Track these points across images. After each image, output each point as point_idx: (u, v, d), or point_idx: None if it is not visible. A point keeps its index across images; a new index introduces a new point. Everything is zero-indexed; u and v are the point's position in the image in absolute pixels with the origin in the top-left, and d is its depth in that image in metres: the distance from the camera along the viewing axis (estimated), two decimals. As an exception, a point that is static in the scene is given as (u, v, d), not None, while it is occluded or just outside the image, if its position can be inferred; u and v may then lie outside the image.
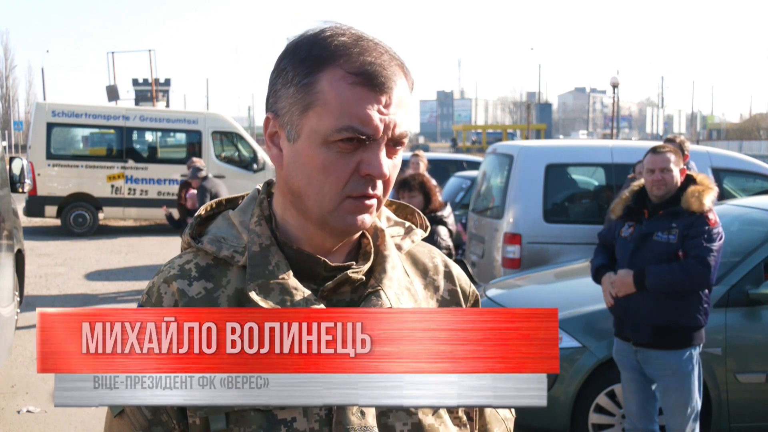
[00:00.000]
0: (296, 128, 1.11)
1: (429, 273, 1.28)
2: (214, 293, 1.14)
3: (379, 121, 1.09)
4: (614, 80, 37.35)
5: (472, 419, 1.26)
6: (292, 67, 1.11)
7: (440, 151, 46.96)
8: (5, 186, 6.44)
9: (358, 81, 1.08)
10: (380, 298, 1.16)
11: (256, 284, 1.13)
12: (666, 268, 3.85)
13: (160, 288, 1.16)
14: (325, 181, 1.10)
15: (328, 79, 1.08)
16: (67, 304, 8.98)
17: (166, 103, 51.12)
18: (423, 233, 1.31)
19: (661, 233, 3.97)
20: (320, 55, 1.09)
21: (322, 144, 1.09)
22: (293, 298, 1.12)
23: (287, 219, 1.19)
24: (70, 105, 15.66)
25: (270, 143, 1.17)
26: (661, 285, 3.85)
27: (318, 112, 1.09)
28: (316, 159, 1.10)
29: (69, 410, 5.52)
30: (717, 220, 3.92)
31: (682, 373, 3.92)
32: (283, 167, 1.15)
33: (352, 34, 1.11)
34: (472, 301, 1.31)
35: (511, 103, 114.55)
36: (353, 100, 1.08)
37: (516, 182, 7.28)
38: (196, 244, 1.19)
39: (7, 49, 52.95)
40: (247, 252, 1.16)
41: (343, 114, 1.08)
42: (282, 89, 1.13)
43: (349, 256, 1.21)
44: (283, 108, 1.13)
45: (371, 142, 1.10)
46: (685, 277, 3.82)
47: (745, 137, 64.96)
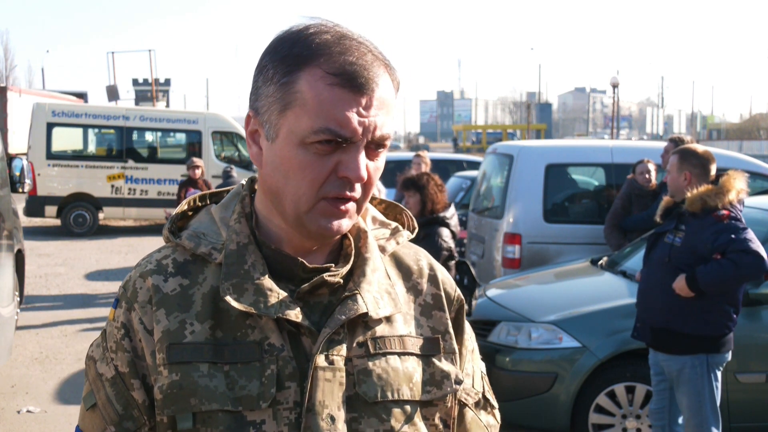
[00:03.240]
0: (275, 127, 1.09)
1: (412, 276, 1.24)
2: (189, 290, 1.13)
3: (357, 124, 1.06)
4: (614, 80, 37.33)
5: (449, 426, 1.22)
6: (272, 65, 1.09)
7: (441, 151, 46.94)
8: (5, 186, 6.44)
9: (336, 81, 1.05)
10: (356, 302, 1.13)
11: (230, 284, 1.11)
12: (716, 265, 3.73)
13: (135, 282, 1.14)
14: (301, 182, 1.08)
15: (306, 79, 1.06)
16: (67, 304, 8.98)
17: (166, 103, 51.13)
18: (410, 234, 1.28)
19: (671, 235, 3.98)
20: (300, 54, 1.07)
21: (299, 145, 1.07)
22: (267, 300, 1.10)
23: (268, 217, 1.17)
24: (70, 105, 15.68)
25: (251, 141, 1.15)
26: (714, 282, 3.74)
27: (296, 113, 1.07)
28: (293, 159, 1.08)
29: (69, 410, 5.52)
30: (729, 212, 3.79)
31: (684, 379, 3.89)
32: (262, 166, 1.13)
33: (336, 32, 1.09)
34: (457, 307, 1.27)
35: (511, 103, 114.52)
36: (331, 101, 1.05)
37: (516, 182, 7.28)
38: (175, 239, 1.17)
39: (7, 49, 52.76)
40: (224, 250, 1.14)
41: (321, 115, 1.05)
42: (263, 87, 1.11)
43: (330, 257, 1.19)
44: (263, 106, 1.11)
45: (349, 144, 1.07)
46: (738, 271, 3.69)
47: (745, 137, 64.88)
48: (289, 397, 1.08)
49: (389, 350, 1.15)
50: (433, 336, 1.21)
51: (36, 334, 7.55)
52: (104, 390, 1.13)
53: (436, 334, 1.21)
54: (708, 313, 3.83)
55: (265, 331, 1.10)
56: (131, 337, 1.12)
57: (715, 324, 3.84)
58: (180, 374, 1.08)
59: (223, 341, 1.10)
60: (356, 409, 1.11)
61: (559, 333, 4.71)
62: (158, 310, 1.11)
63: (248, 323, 1.11)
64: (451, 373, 1.20)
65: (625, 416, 4.73)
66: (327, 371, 1.10)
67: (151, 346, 1.11)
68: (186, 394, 1.07)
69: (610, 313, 4.79)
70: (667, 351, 3.95)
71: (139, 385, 1.12)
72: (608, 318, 4.76)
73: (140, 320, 1.12)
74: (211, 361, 1.09)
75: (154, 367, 1.10)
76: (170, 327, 1.10)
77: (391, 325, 1.17)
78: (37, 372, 6.39)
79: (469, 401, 1.27)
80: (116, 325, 1.14)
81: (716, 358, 3.88)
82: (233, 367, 1.09)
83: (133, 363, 1.12)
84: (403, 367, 1.15)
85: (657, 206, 4.49)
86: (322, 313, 1.14)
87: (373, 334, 1.15)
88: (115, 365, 1.13)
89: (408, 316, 1.21)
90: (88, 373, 1.17)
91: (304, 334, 1.11)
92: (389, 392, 1.13)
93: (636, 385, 4.69)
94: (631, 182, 6.70)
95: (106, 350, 1.15)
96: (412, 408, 1.15)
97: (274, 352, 1.09)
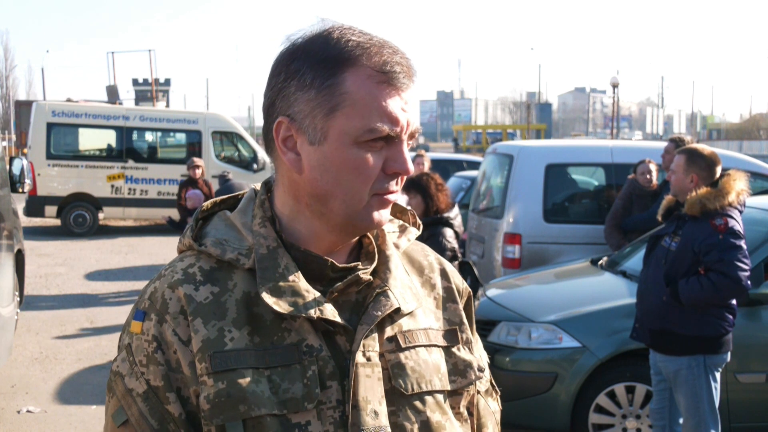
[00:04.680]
0: (322, 131, 1.10)
1: (425, 271, 1.28)
2: (221, 297, 1.12)
3: (404, 119, 1.11)
4: (614, 80, 37.34)
5: (472, 414, 1.27)
6: (310, 70, 1.10)
7: (441, 151, 46.93)
8: (5, 186, 6.44)
9: (384, 79, 1.09)
10: (389, 298, 1.16)
11: (267, 287, 1.11)
12: (696, 284, 3.74)
13: (164, 293, 1.12)
14: (356, 180, 1.11)
15: (353, 80, 1.09)
16: (67, 304, 8.98)
17: (166, 103, 51.06)
18: (417, 231, 1.31)
19: (668, 238, 3.97)
20: (339, 56, 1.09)
21: (352, 144, 1.09)
22: (305, 300, 1.11)
23: (296, 219, 1.17)
24: (70, 105, 15.65)
25: (283, 148, 1.14)
26: (693, 299, 3.77)
27: (346, 113, 1.09)
28: (347, 159, 1.10)
29: (69, 410, 5.52)
30: (728, 223, 3.75)
31: (681, 379, 3.90)
32: (303, 171, 1.13)
33: (361, 33, 1.12)
34: (465, 298, 1.32)
35: (511, 103, 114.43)
36: (381, 98, 1.09)
37: (516, 182, 7.28)
38: (199, 246, 1.16)
39: (7, 49, 52.95)
40: (254, 254, 1.14)
41: (373, 113, 1.09)
42: (298, 92, 1.11)
43: (350, 257, 1.21)
44: (302, 111, 1.11)
45: (396, 140, 1.11)
46: (715, 293, 3.72)
47: (745, 137, 64.88)
48: (331, 396, 1.10)
49: (418, 343, 1.18)
50: (451, 327, 1.25)
51: (36, 334, 7.55)
52: (136, 405, 1.11)
53: (453, 326, 1.26)
54: (705, 314, 3.83)
55: (301, 333, 1.12)
56: (164, 350, 1.11)
57: (712, 325, 3.84)
58: (226, 382, 1.07)
59: (262, 346, 1.10)
60: (394, 403, 1.14)
61: (559, 333, 4.72)
62: (195, 319, 1.10)
63: (284, 326, 1.12)
64: (472, 362, 1.24)
65: (625, 416, 4.73)
66: (366, 367, 1.12)
67: (188, 357, 1.09)
68: (234, 401, 1.07)
69: (610, 313, 4.79)
70: (664, 352, 3.95)
71: (174, 398, 1.10)
72: (608, 318, 4.76)
73: (174, 332, 1.10)
74: (254, 366, 1.09)
75: (193, 379, 1.09)
76: (210, 336, 1.09)
77: (415, 318, 1.21)
78: (37, 372, 6.39)
79: (481, 388, 1.31)
80: (146, 338, 1.12)
81: (714, 359, 3.88)
82: (274, 371, 1.09)
83: (167, 376, 1.10)
84: (431, 359, 1.19)
85: (658, 206, 4.49)
86: (351, 311, 1.16)
87: (400, 328, 1.18)
88: (146, 380, 1.11)
89: (427, 309, 1.24)
90: (115, 389, 1.14)
91: (339, 333, 1.13)
92: (423, 384, 1.16)
93: (636, 385, 4.69)
94: (632, 182, 6.69)
95: (134, 365, 1.12)
96: (443, 398, 1.19)
97: (313, 352, 1.11)
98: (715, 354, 3.87)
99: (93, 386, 6.01)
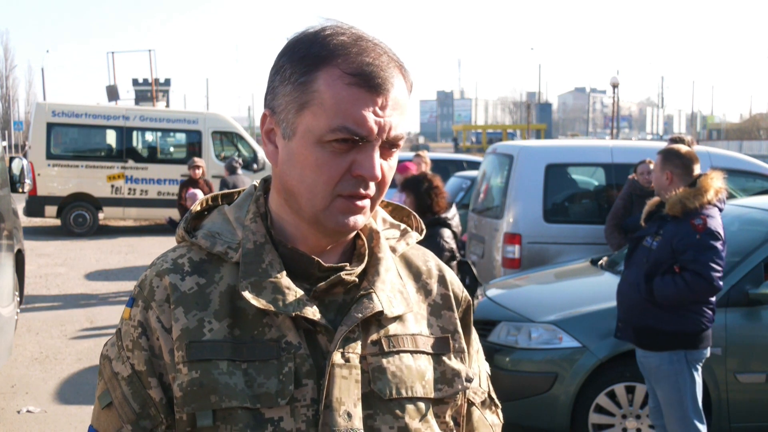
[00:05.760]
0: (291, 126, 1.11)
1: (422, 276, 1.27)
2: (206, 289, 1.14)
3: (373, 123, 1.08)
4: (614, 80, 37.34)
5: (459, 424, 1.25)
6: (290, 65, 1.11)
7: (441, 151, 46.95)
8: (5, 186, 6.44)
9: (354, 81, 1.07)
10: (372, 300, 1.15)
11: (248, 282, 1.12)
12: (670, 282, 3.80)
13: (152, 281, 1.15)
14: (317, 180, 1.10)
15: (324, 79, 1.08)
16: (67, 304, 8.98)
17: (166, 103, 51.15)
18: (418, 236, 1.30)
19: (650, 238, 4.01)
20: (318, 54, 1.09)
21: (316, 143, 1.09)
22: (285, 298, 1.11)
23: (283, 217, 1.18)
24: (70, 105, 15.66)
25: (266, 140, 1.16)
26: (668, 299, 3.83)
27: (314, 111, 1.08)
28: (309, 157, 1.09)
29: (69, 410, 5.52)
30: (707, 224, 3.79)
31: (662, 374, 3.92)
32: (278, 164, 1.15)
33: (353, 34, 1.11)
34: (464, 307, 1.30)
35: (511, 103, 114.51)
36: (349, 100, 1.07)
37: (516, 182, 7.28)
38: (190, 238, 1.18)
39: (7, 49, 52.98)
40: (241, 249, 1.15)
41: (338, 114, 1.07)
42: (279, 86, 1.12)
43: (343, 257, 1.21)
44: (279, 105, 1.12)
45: (365, 143, 1.09)
46: (689, 292, 3.78)
47: (745, 137, 64.91)
48: (306, 394, 1.10)
49: (402, 348, 1.17)
50: (443, 335, 1.23)
51: (36, 334, 7.55)
52: (120, 389, 1.13)
53: (446, 334, 1.24)
54: (685, 309, 3.87)
55: (282, 330, 1.12)
56: (148, 335, 1.13)
57: (692, 321, 3.88)
58: (200, 372, 1.09)
59: (241, 339, 1.11)
60: (371, 406, 1.13)
61: (559, 333, 4.72)
62: (176, 308, 1.12)
63: (265, 321, 1.12)
64: (461, 371, 1.22)
65: (625, 416, 4.73)
66: (343, 368, 1.11)
67: (169, 344, 1.11)
68: (206, 391, 1.08)
69: (610, 313, 4.78)
70: (646, 347, 3.98)
71: (156, 383, 1.12)
72: (608, 318, 4.75)
73: (158, 319, 1.13)
74: (230, 358, 1.10)
75: (172, 366, 1.11)
76: (189, 325, 1.11)
77: (404, 323, 1.20)
78: (37, 372, 6.39)
79: (477, 400, 1.30)
80: (133, 324, 1.14)
81: (694, 354, 3.92)
82: (251, 364, 1.10)
83: (150, 361, 1.12)
84: (416, 365, 1.18)
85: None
86: (336, 312, 1.16)
87: (386, 333, 1.17)
88: (131, 364, 1.13)
89: (419, 315, 1.23)
90: (103, 372, 1.18)
91: (320, 332, 1.13)
92: (403, 389, 1.15)
93: (636, 385, 4.69)
94: (632, 182, 6.70)
95: (121, 349, 1.15)
96: (426, 405, 1.17)
97: (291, 350, 1.11)
98: (695, 349, 3.91)
99: (93, 386, 6.01)
